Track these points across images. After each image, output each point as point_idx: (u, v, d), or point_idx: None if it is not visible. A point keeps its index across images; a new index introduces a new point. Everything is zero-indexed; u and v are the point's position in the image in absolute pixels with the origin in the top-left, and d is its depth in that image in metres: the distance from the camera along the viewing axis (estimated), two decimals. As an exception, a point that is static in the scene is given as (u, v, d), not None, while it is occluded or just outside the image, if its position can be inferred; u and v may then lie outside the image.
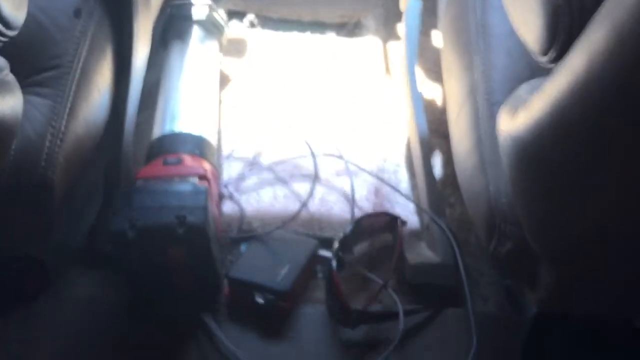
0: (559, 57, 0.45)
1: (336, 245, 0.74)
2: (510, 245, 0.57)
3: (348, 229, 0.77)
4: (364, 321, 0.72)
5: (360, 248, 0.80)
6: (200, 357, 0.69)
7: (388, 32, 1.08)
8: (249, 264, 0.74)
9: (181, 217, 0.64)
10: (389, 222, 0.80)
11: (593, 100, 0.40)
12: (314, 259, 0.77)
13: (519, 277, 0.63)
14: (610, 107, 0.39)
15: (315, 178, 0.87)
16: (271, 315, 0.72)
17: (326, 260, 0.76)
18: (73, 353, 0.68)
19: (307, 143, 0.92)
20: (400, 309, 0.71)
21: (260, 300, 0.71)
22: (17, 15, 0.51)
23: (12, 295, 0.70)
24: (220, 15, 0.95)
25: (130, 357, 0.69)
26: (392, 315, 0.72)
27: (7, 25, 0.50)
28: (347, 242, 0.77)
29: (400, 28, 0.99)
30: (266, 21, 1.08)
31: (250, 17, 1.06)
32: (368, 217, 0.81)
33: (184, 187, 0.69)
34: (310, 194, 0.86)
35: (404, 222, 0.80)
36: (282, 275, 0.72)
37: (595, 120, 0.40)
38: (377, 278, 0.76)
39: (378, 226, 0.81)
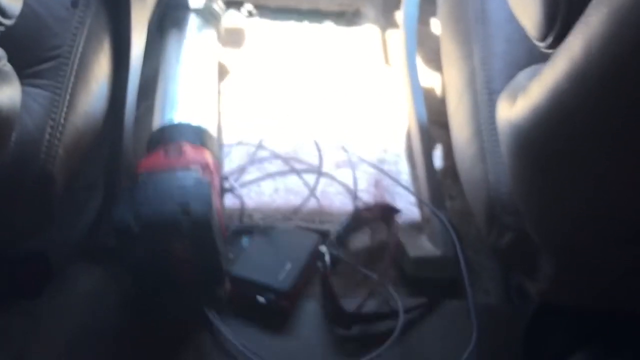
0: (557, 42, 0.45)
1: (331, 242, 0.74)
2: (510, 236, 0.57)
3: (343, 224, 0.76)
4: (358, 322, 0.71)
5: (358, 241, 0.80)
6: (203, 351, 0.69)
7: (387, 21, 1.07)
8: (250, 261, 0.74)
9: (186, 210, 0.63)
10: (383, 213, 0.79)
11: (591, 84, 0.39)
12: (316, 255, 0.77)
13: (519, 268, 0.63)
14: (609, 91, 0.39)
15: (319, 171, 0.86)
16: (272, 313, 0.72)
17: (322, 258, 0.75)
18: (76, 346, 0.68)
19: (310, 135, 0.91)
20: (400, 307, 0.71)
21: (261, 300, 0.71)
22: (14, 4, 0.51)
23: (14, 290, 0.70)
24: (218, 3, 0.95)
25: (133, 350, 0.69)
26: (387, 316, 0.72)
27: (4, 13, 0.49)
28: (343, 237, 0.77)
29: (399, 17, 0.99)
30: (264, 10, 1.08)
31: (248, 6, 1.06)
32: (364, 209, 0.80)
33: (188, 179, 0.68)
34: (314, 187, 0.85)
35: (397, 211, 0.79)
36: (283, 274, 0.72)
37: (594, 105, 0.40)
38: (372, 275, 0.76)
39: (375, 218, 0.80)
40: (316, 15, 1.09)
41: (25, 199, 0.59)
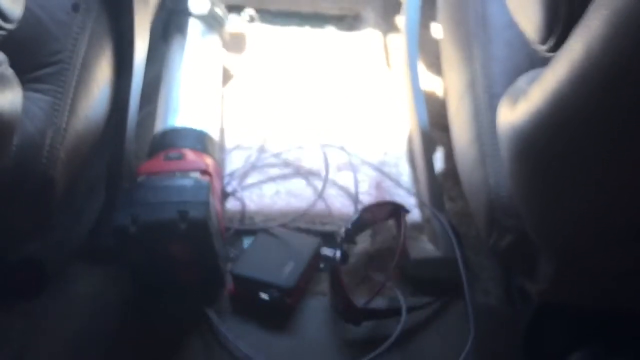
0: (557, 45, 0.45)
1: (339, 240, 0.74)
2: (510, 238, 0.58)
3: (350, 223, 0.77)
4: (369, 318, 0.72)
5: (363, 239, 0.80)
6: (203, 352, 0.69)
7: (388, 25, 1.08)
8: (252, 260, 0.74)
9: (183, 212, 0.64)
10: (392, 211, 0.79)
11: (592, 87, 0.40)
12: (318, 256, 0.77)
13: (519, 269, 0.63)
14: (609, 94, 0.39)
15: (325, 175, 0.86)
16: (275, 311, 0.72)
17: (328, 258, 0.76)
18: (76, 346, 0.68)
19: (313, 139, 0.91)
20: (403, 305, 0.71)
21: (264, 297, 0.71)
22: (15, 8, 0.51)
23: (13, 292, 0.70)
24: (222, 9, 0.95)
25: (132, 352, 0.69)
26: (396, 311, 0.72)
27: (5, 18, 0.50)
28: (351, 236, 0.77)
29: (400, 21, 0.99)
30: (265, 15, 1.08)
31: (249, 11, 1.06)
32: (371, 207, 0.80)
33: (186, 182, 0.69)
34: (322, 191, 0.85)
35: (407, 211, 0.79)
36: (286, 271, 0.72)
37: (595, 108, 0.40)
38: (379, 275, 0.76)
39: (381, 216, 0.80)
40: (317, 19, 1.09)
41: (26, 202, 0.59)
